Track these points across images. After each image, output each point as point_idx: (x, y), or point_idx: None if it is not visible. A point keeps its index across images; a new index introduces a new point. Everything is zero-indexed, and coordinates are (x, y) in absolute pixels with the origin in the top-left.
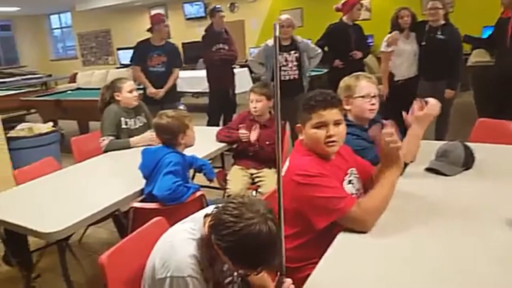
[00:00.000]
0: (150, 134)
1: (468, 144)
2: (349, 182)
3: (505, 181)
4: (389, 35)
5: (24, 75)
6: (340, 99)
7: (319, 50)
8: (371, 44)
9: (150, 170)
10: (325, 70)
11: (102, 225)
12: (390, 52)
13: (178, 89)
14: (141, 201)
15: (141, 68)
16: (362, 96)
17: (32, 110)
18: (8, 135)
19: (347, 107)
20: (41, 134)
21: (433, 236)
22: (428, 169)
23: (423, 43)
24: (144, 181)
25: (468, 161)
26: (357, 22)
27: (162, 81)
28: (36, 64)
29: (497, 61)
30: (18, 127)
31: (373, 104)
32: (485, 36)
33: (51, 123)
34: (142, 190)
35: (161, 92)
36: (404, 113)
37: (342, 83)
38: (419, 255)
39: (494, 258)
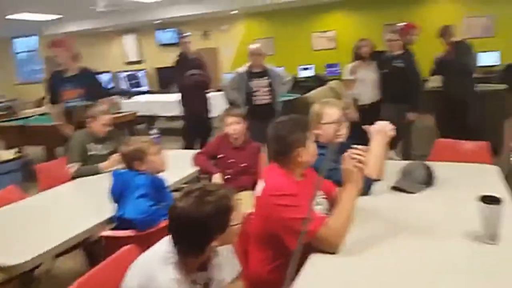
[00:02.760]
0: (118, 157)
1: (429, 163)
2: (318, 203)
3: (463, 196)
4: (351, 64)
5: None
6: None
7: (290, 77)
8: (337, 72)
9: (119, 193)
10: (298, 95)
11: (72, 255)
12: (354, 80)
13: (152, 113)
14: (114, 228)
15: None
16: (331, 122)
17: None
18: None
19: (317, 132)
20: (3, 162)
21: (400, 251)
22: (394, 188)
23: (385, 71)
24: (114, 206)
25: (429, 179)
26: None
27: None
28: (0, 88)
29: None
30: None
31: (341, 129)
32: None
33: (14, 150)
34: (113, 217)
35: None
36: (365, 127)
37: (312, 109)
38: (387, 270)
39: (457, 269)
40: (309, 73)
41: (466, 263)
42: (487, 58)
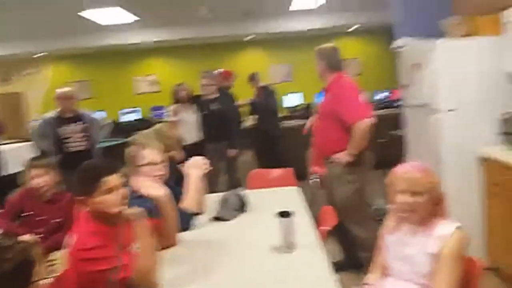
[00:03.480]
0: None
1: (244, 191)
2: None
3: (269, 215)
4: (171, 107)
5: None
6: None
7: (105, 122)
8: (164, 114)
9: None
10: (121, 141)
11: None
12: (175, 121)
13: None
14: None
15: None
16: (147, 164)
17: None
18: None
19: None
20: None
21: (223, 271)
22: (214, 218)
23: (204, 112)
24: None
25: (242, 206)
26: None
27: None
28: None
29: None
30: None
31: (159, 170)
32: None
33: None
34: None
35: None
36: (180, 166)
37: (127, 152)
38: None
39: (267, 277)
40: (136, 116)
41: (273, 271)
42: (292, 99)
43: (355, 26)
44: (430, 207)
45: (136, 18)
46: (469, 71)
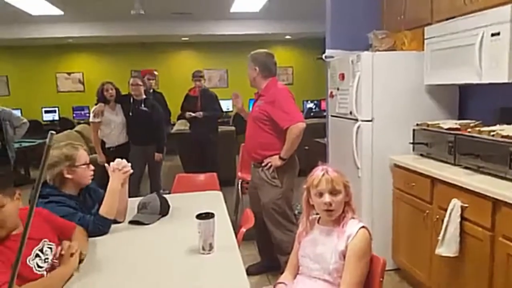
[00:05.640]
0: None
1: (166, 195)
2: (37, 255)
3: (188, 219)
4: (95, 107)
5: None
6: None
7: (24, 120)
8: (86, 115)
9: None
10: (40, 141)
11: None
12: (98, 122)
13: None
14: None
15: None
16: (85, 164)
17: None
18: None
19: (68, 176)
20: None
21: (140, 273)
22: (132, 222)
23: (130, 114)
24: None
25: (163, 209)
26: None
27: None
28: None
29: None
30: None
31: (91, 171)
32: None
33: None
34: None
35: None
36: (106, 165)
37: (59, 152)
38: None
39: (182, 278)
40: (54, 116)
41: (189, 271)
42: (225, 104)
43: (289, 36)
44: (343, 206)
45: (61, 12)
46: (390, 84)
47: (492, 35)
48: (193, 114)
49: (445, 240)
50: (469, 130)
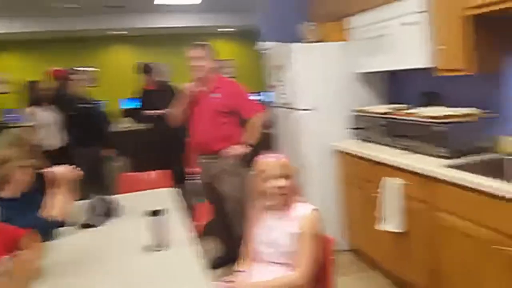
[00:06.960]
0: None
1: (114, 195)
2: None
3: (140, 217)
4: (28, 109)
5: None
6: None
7: None
8: (19, 118)
9: None
10: None
11: None
12: (33, 125)
13: None
14: None
15: None
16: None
17: None
18: None
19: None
20: None
21: (94, 276)
22: (83, 225)
23: (70, 113)
24: None
25: (111, 211)
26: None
27: None
28: None
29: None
30: None
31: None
32: (130, 105)
33: None
34: None
35: None
36: (45, 171)
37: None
38: None
39: (139, 277)
40: None
41: (144, 269)
42: None
43: (230, 29)
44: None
45: None
46: (322, 73)
47: (408, 24)
48: (158, 112)
49: (387, 216)
50: (398, 113)
